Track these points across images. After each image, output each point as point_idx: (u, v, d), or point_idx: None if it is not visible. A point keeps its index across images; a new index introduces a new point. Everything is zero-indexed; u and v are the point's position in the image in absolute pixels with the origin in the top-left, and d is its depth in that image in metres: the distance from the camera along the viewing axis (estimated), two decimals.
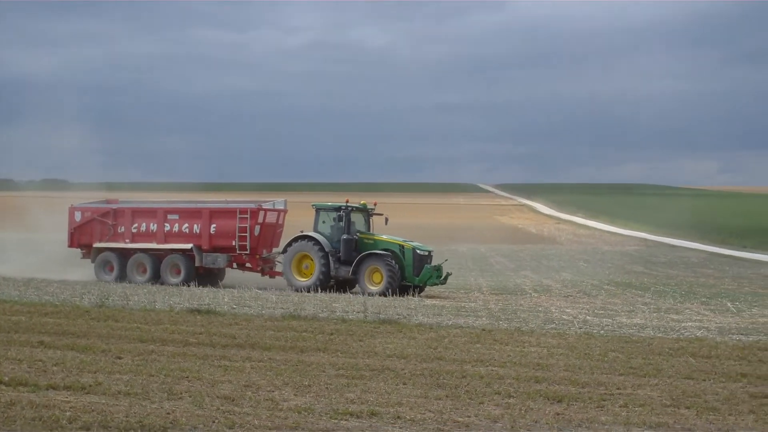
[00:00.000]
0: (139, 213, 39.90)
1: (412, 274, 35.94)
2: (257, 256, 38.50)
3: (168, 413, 14.28)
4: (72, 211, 40.84)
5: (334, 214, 37.22)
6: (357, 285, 36.39)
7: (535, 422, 14.23)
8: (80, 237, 40.54)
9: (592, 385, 17.34)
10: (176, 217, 39.14)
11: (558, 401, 15.78)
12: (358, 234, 37.01)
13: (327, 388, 16.63)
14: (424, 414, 14.59)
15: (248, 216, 38.01)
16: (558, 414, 14.78)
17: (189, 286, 36.95)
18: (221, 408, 14.76)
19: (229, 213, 38.59)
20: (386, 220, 38.04)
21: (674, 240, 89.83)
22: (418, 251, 36.27)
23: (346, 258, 36.34)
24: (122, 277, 38.97)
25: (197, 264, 38.44)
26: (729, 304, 33.40)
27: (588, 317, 28.77)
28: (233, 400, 15.36)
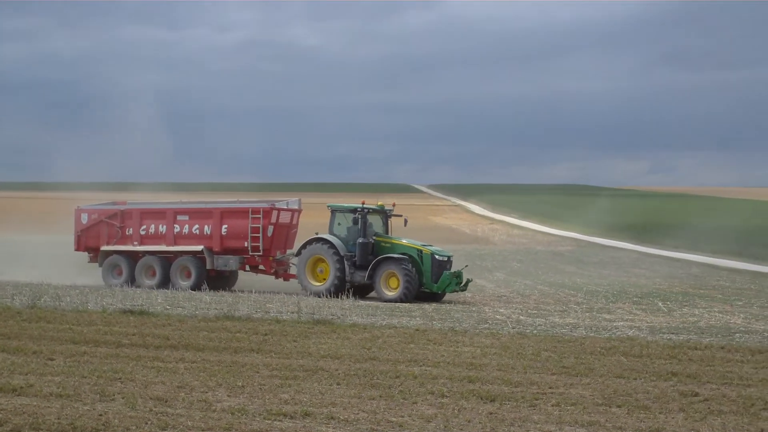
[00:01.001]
0: (147, 214, 38.50)
1: (430, 280, 34.38)
2: (270, 258, 37.05)
3: (100, 415, 14.18)
4: (78, 213, 39.45)
5: (350, 216, 35.73)
6: (374, 290, 35.03)
7: (468, 422, 14.30)
8: (87, 240, 39.16)
9: (525, 384, 17.46)
10: (186, 218, 37.76)
11: (491, 401, 15.88)
12: (374, 237, 35.57)
13: (260, 388, 16.61)
14: (357, 414, 14.62)
15: (261, 216, 36.55)
16: (491, 413, 14.87)
17: (200, 290, 35.72)
18: (154, 409, 14.69)
19: (240, 213, 37.12)
20: (405, 221, 36.71)
21: (606, 240, 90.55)
22: (437, 256, 34.60)
23: (361, 262, 34.92)
24: (131, 281, 37.66)
25: (208, 267, 37.07)
26: (660, 304, 33.79)
27: (521, 317, 28.98)
28: (166, 401, 15.29)
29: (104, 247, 38.51)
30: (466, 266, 38.03)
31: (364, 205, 35.69)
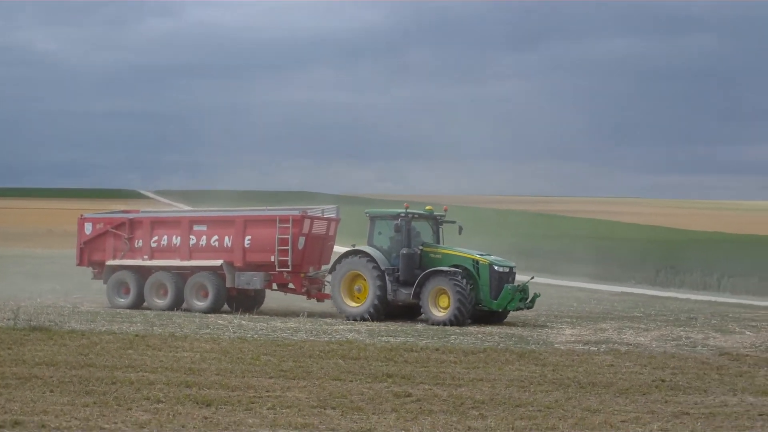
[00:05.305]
0: (159, 224, 33.92)
1: (488, 296, 29.69)
2: (301, 275, 32.51)
3: None
4: (81, 222, 34.81)
5: (392, 223, 30.81)
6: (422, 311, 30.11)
7: (183, 426, 14.28)
8: (91, 253, 34.38)
9: (242, 388, 17.55)
10: (204, 227, 33.08)
11: (207, 405, 15.87)
12: (422, 247, 30.87)
13: None
14: (69, 422, 14.36)
15: (290, 225, 31.81)
16: (206, 418, 14.88)
17: (219, 312, 32.14)
18: None
19: (267, 222, 32.40)
20: (460, 229, 31.25)
21: (336, 246, 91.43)
22: (497, 267, 29.89)
23: (405, 277, 30.16)
24: (140, 301, 33.44)
25: (228, 285, 32.46)
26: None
27: (243, 321, 29.15)
28: None
29: (110, 262, 34.01)
30: (533, 278, 33.24)
31: (408, 210, 31.09)
